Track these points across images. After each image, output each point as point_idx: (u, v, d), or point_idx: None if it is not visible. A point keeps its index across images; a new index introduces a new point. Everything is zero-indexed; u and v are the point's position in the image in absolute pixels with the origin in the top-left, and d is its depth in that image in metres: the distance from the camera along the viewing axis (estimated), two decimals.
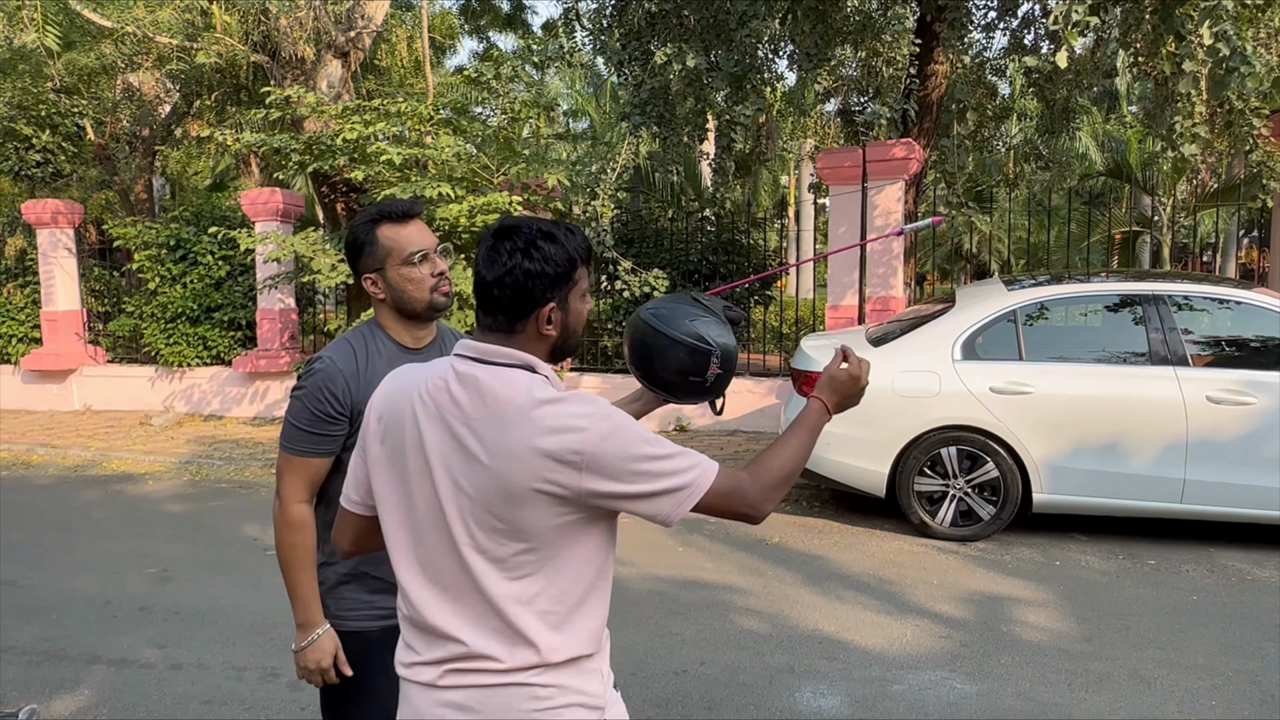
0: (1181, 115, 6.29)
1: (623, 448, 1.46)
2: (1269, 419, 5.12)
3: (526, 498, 1.45)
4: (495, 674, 1.50)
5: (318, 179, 8.98)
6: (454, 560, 1.52)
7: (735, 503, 1.54)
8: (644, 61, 7.87)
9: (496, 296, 1.52)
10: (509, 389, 1.49)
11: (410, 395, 1.57)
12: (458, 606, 1.52)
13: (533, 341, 1.55)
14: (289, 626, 4.39)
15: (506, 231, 1.53)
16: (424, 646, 1.56)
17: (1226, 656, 3.98)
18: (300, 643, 2.04)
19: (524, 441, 1.45)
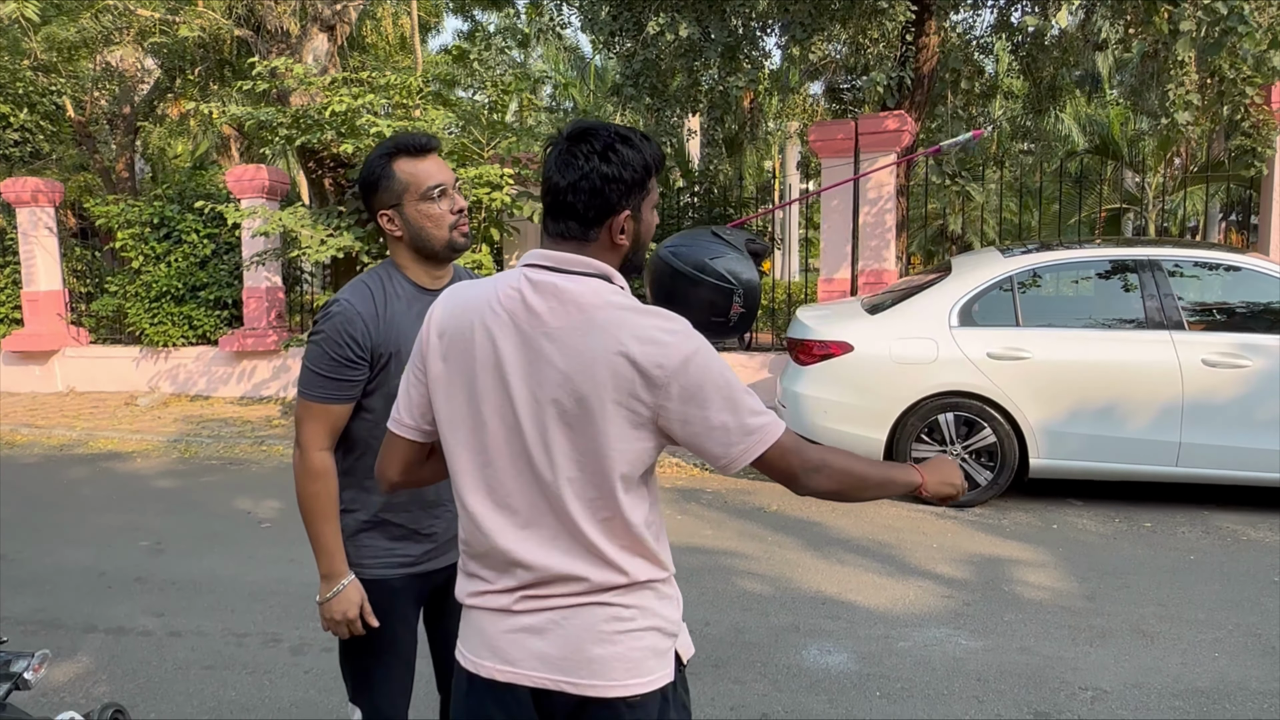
0: (1174, 83, 6.30)
1: (707, 371, 1.41)
2: (1264, 381, 5.15)
3: (605, 414, 1.40)
4: (575, 595, 1.47)
5: (304, 154, 8.85)
6: (529, 480, 1.46)
7: (794, 460, 1.47)
8: (635, 33, 7.81)
9: (570, 202, 1.45)
10: (593, 296, 1.43)
11: (478, 308, 1.49)
12: (531, 531, 1.47)
13: (606, 251, 1.49)
14: (288, 595, 4.39)
15: (583, 134, 1.46)
16: (494, 574, 1.51)
17: (1226, 611, 4.01)
18: (325, 594, 1.99)
19: (610, 349, 1.39)
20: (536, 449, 1.44)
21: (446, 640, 2.11)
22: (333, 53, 9.25)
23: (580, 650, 1.45)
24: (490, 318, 1.47)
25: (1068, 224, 16.34)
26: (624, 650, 1.46)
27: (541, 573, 1.47)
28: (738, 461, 1.44)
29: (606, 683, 1.45)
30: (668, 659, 1.51)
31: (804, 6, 7.52)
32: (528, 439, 1.45)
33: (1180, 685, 3.37)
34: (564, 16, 9.13)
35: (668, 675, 1.50)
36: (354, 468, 2.03)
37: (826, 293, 8.37)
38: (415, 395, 1.57)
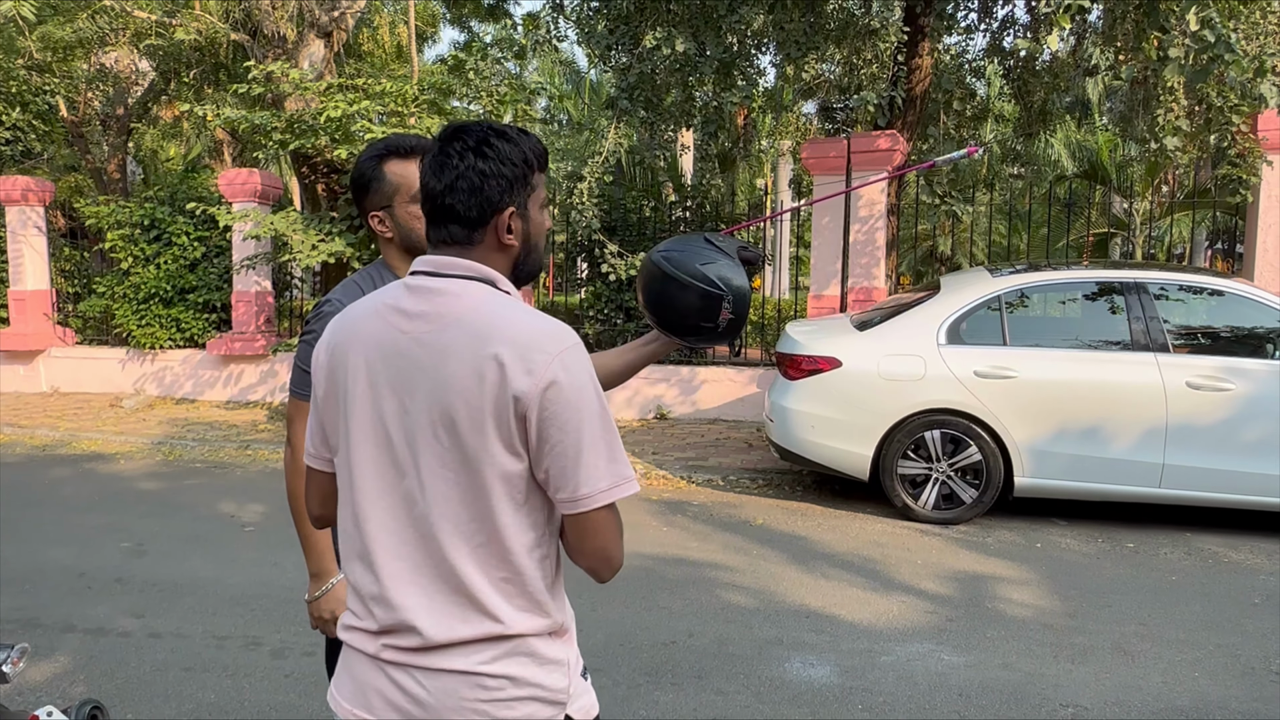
0: (1163, 109, 6.38)
1: (582, 391, 1.29)
2: (1247, 405, 5.20)
3: (477, 426, 1.28)
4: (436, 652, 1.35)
5: (298, 159, 8.87)
6: (397, 501, 1.36)
7: (614, 535, 1.34)
8: (631, 47, 7.86)
9: (449, 204, 1.37)
10: (469, 299, 1.33)
11: (358, 321, 1.40)
12: (398, 562, 1.37)
13: (494, 254, 1.40)
14: (270, 598, 4.36)
15: (455, 133, 1.38)
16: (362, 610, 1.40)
17: (1206, 632, 4.03)
18: (314, 592, 2.00)
19: (480, 355, 1.28)
20: (407, 466, 1.34)
21: None
22: (329, 59, 9.27)
23: (442, 711, 1.33)
24: (366, 329, 1.39)
25: (1056, 247, 16.50)
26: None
27: (400, 613, 1.34)
28: (592, 500, 1.29)
29: None
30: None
31: (799, 25, 7.59)
32: (398, 454, 1.34)
33: (1160, 704, 3.39)
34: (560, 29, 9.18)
35: None
36: None
37: (816, 309, 8.41)
38: (313, 422, 1.49)
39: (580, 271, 10.26)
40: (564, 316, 10.24)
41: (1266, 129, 7.11)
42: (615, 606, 4.28)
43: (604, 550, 1.33)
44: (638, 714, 3.30)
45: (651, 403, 8.99)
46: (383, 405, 1.35)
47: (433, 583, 1.33)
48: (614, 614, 4.19)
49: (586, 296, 9.51)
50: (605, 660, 3.70)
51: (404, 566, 1.34)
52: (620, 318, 9.14)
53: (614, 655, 3.76)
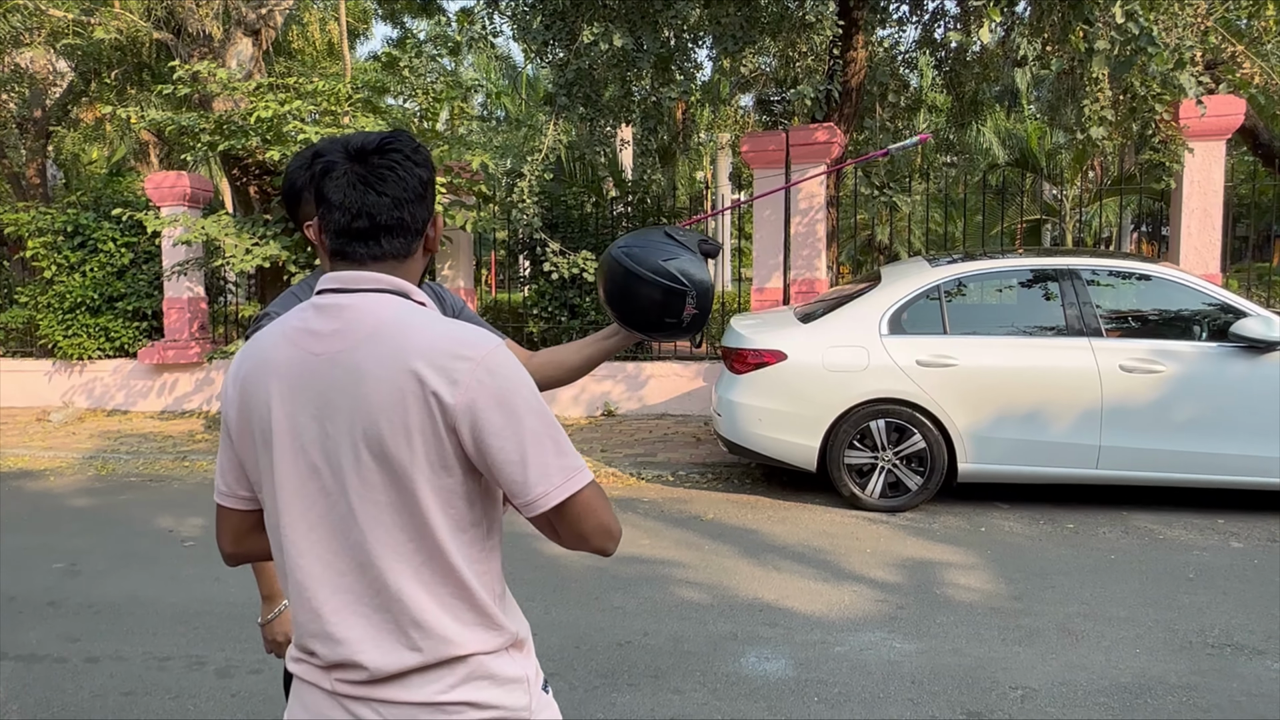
0: (1089, 99, 6.54)
1: (513, 391, 1.25)
2: (1177, 386, 5.36)
3: (403, 442, 1.24)
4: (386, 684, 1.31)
5: (229, 161, 8.64)
6: (331, 529, 1.30)
7: (600, 517, 1.29)
8: (568, 43, 7.80)
9: (399, 218, 1.31)
10: (381, 312, 1.28)
11: (267, 347, 1.33)
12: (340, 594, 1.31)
13: (417, 264, 1.37)
14: (213, 615, 4.25)
15: (390, 140, 1.33)
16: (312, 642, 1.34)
17: (1145, 608, 4.15)
18: (266, 615, 1.96)
19: (399, 368, 1.23)
20: (335, 493, 1.28)
21: None
22: (258, 58, 9.04)
23: None
24: (277, 356, 1.31)
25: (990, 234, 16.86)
26: None
27: (345, 648, 1.28)
28: (547, 500, 1.25)
29: None
30: None
31: (735, 19, 7.61)
32: (325, 482, 1.28)
33: (1104, 682, 3.48)
34: (496, 25, 9.07)
35: None
36: None
37: (759, 302, 8.46)
38: (224, 458, 1.42)
39: (523, 269, 10.17)
40: (507, 315, 10.15)
41: (1187, 117, 7.34)
42: (569, 609, 4.26)
43: (601, 528, 1.29)
44: (595, 717, 3.28)
45: (599, 400, 8.97)
46: (303, 433, 1.28)
47: (376, 611, 1.28)
48: (568, 616, 4.17)
49: (530, 295, 9.43)
50: (560, 664, 3.68)
51: (345, 599, 1.29)
52: (564, 315, 9.09)
53: (569, 658, 3.74)
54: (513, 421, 1.23)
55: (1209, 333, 5.53)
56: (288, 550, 1.32)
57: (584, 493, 1.27)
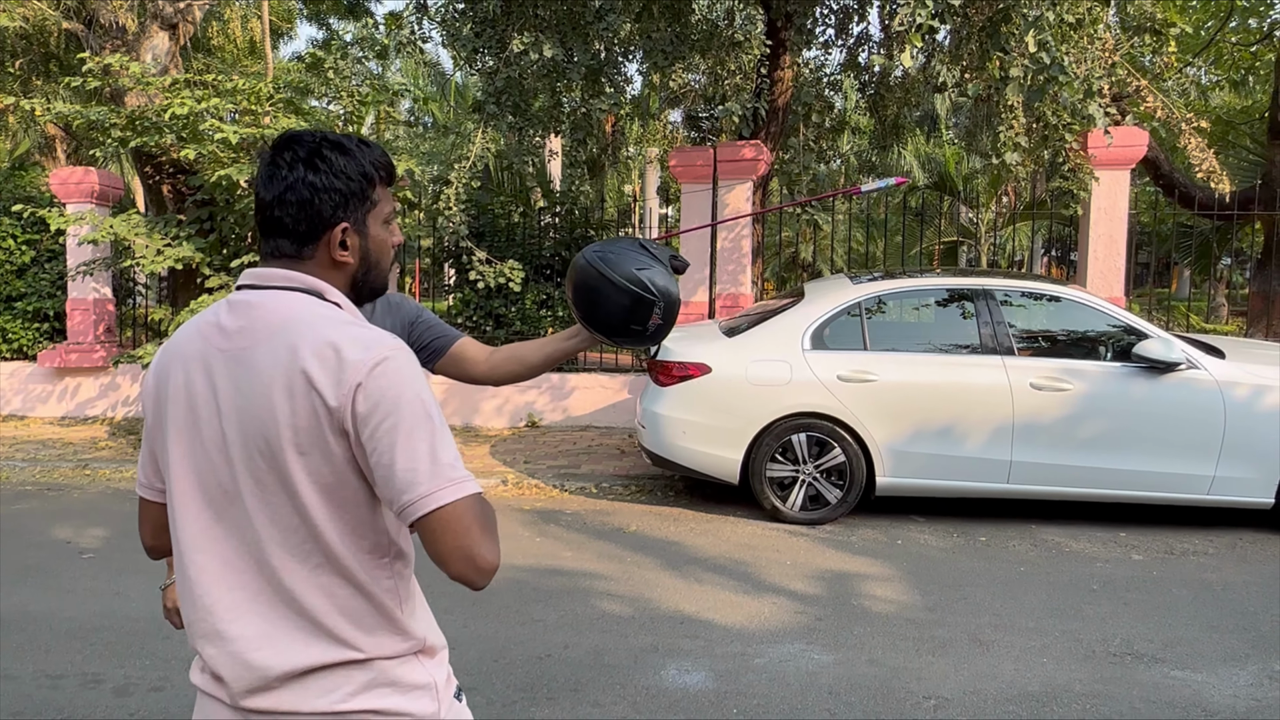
0: (1004, 126, 6.78)
1: (399, 392, 1.21)
2: (1083, 403, 5.57)
3: (293, 440, 1.22)
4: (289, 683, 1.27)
5: (141, 159, 8.32)
6: (228, 527, 1.28)
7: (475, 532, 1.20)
8: (498, 51, 7.75)
9: (277, 216, 1.31)
10: (286, 310, 1.27)
11: (182, 343, 1.33)
12: (236, 592, 1.28)
13: (326, 270, 1.34)
14: (112, 631, 4.07)
15: (287, 142, 1.33)
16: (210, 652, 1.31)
17: (1052, 619, 4.29)
18: (166, 580, 2.02)
19: (290, 366, 1.21)
20: (231, 491, 1.26)
21: None
22: (174, 53, 8.75)
23: None
24: (188, 350, 1.32)
25: (909, 254, 17.31)
26: None
27: (234, 645, 1.26)
28: (417, 508, 1.18)
29: None
30: None
31: (665, 35, 7.68)
32: (221, 479, 1.27)
33: (1014, 690, 3.57)
34: (424, 30, 8.97)
35: None
36: None
37: (684, 315, 8.51)
38: (144, 450, 1.42)
39: (448, 277, 10.04)
40: None
41: (1095, 147, 7.66)
42: (488, 621, 4.19)
43: (461, 553, 1.18)
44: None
45: (522, 410, 8.89)
46: (202, 429, 1.28)
47: (273, 609, 1.26)
48: (486, 629, 4.10)
49: (454, 303, 9.32)
50: (478, 678, 3.61)
51: (241, 596, 1.27)
52: (489, 325, 9.00)
53: (487, 672, 3.68)
54: (391, 428, 1.19)
55: (1113, 353, 5.76)
56: (183, 546, 1.30)
57: (450, 508, 1.18)
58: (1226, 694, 3.55)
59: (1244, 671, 3.74)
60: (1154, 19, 8.63)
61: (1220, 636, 4.08)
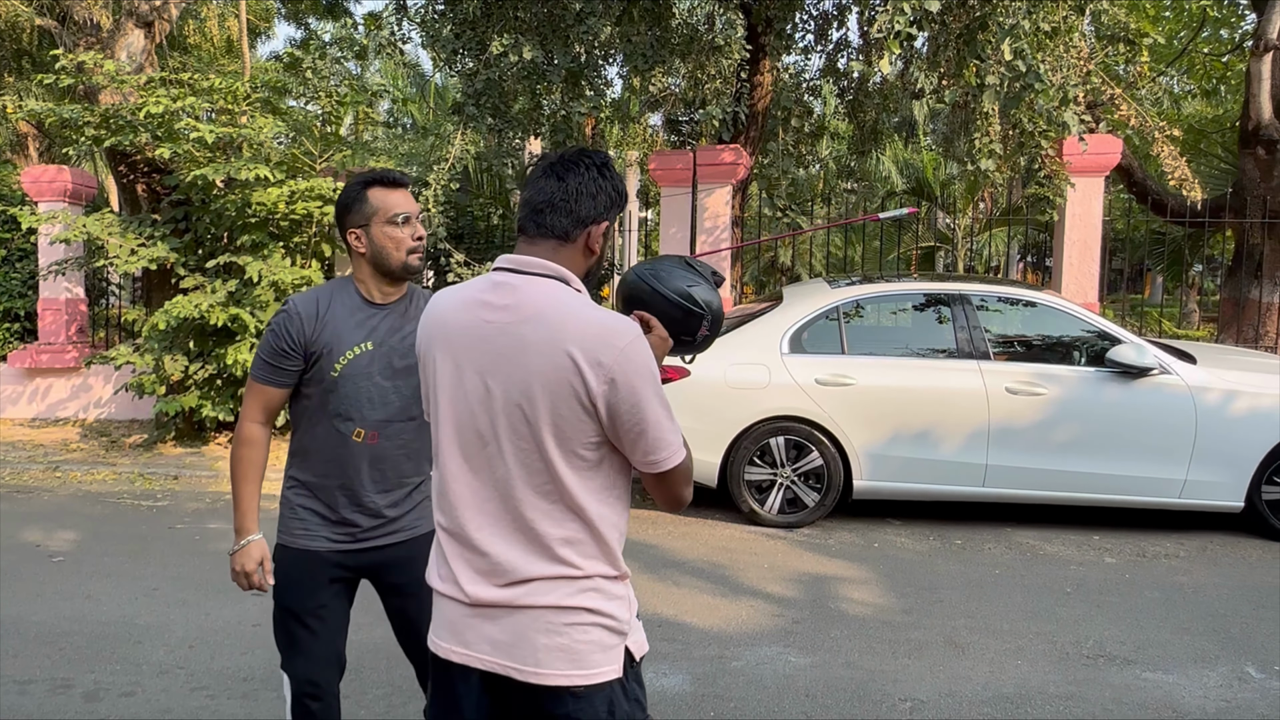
0: (980, 132, 6.84)
1: (643, 372, 1.53)
2: (1058, 408, 5.62)
3: (550, 406, 1.53)
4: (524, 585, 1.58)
5: (115, 157, 8.22)
6: (485, 468, 1.60)
7: (689, 479, 1.64)
8: (478, 53, 7.73)
9: (564, 202, 1.61)
10: (544, 295, 1.57)
11: (446, 313, 1.66)
12: (488, 518, 1.61)
13: (579, 255, 1.65)
14: (82, 635, 4.02)
15: (583, 152, 1.66)
16: (459, 560, 1.63)
17: (1026, 621, 4.32)
18: (234, 546, 2.32)
19: (555, 344, 1.52)
20: (489, 436, 1.58)
21: (397, 617, 2.42)
22: (150, 51, 8.66)
23: (526, 639, 1.56)
24: (455, 319, 1.64)
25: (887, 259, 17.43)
26: (567, 642, 1.56)
27: (495, 561, 1.58)
28: (664, 462, 1.57)
29: (550, 671, 1.56)
30: (614, 654, 1.60)
31: (645, 39, 7.68)
32: (480, 427, 1.59)
33: (989, 692, 3.60)
34: (404, 31, 8.94)
35: (615, 671, 1.59)
36: (297, 447, 2.36)
37: None
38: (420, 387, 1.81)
39: (426, 280, 9.99)
40: None
41: (1070, 154, 7.75)
42: None
43: (679, 494, 1.64)
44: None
45: None
46: (467, 384, 1.60)
47: (512, 534, 1.58)
48: None
49: None
50: None
51: (486, 520, 1.60)
52: None
53: None
54: (638, 403, 1.53)
55: (1087, 358, 5.83)
56: (444, 477, 1.65)
57: (680, 467, 1.60)
58: (1197, 695, 3.59)
59: (1214, 673, 3.79)
60: (1128, 29, 8.74)
61: (1191, 638, 4.13)
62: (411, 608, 2.37)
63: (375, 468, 2.30)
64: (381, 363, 2.27)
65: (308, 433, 2.31)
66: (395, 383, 2.28)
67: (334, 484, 2.29)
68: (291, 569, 2.32)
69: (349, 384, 2.25)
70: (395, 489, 2.34)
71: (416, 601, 2.34)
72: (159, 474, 7.12)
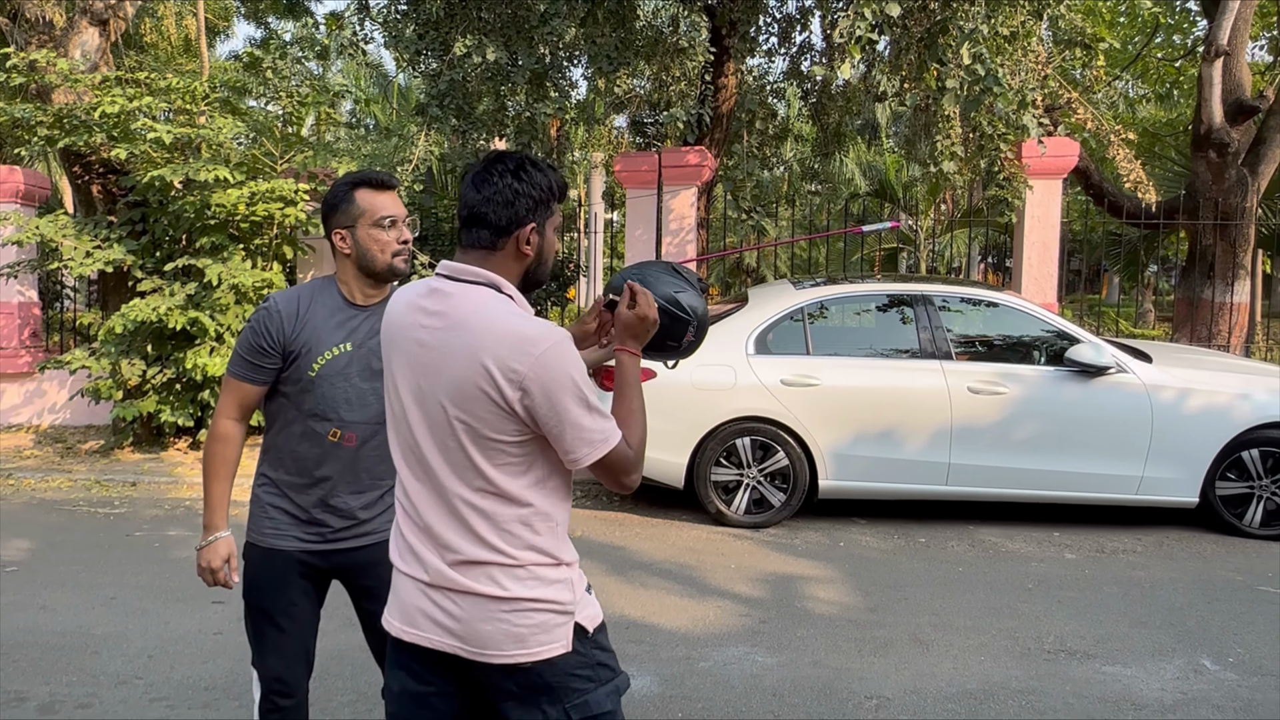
0: (941, 135, 6.93)
1: (559, 376, 1.59)
2: (1019, 407, 5.71)
3: (472, 410, 1.62)
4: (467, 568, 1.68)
5: (70, 158, 8.06)
6: (422, 466, 1.70)
7: (627, 467, 1.69)
8: (441, 54, 7.69)
9: (483, 213, 1.67)
10: (472, 302, 1.65)
11: (397, 313, 1.77)
12: (432, 513, 1.70)
13: (511, 260, 1.71)
14: (37, 646, 3.93)
15: (499, 156, 1.71)
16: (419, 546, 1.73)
17: (989, 618, 4.38)
18: (201, 542, 2.32)
19: (474, 350, 1.60)
20: (422, 437, 1.68)
21: (368, 619, 2.40)
22: (105, 49, 8.50)
23: (472, 624, 1.67)
24: (402, 319, 1.74)
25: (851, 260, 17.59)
26: (509, 628, 1.66)
27: (445, 541, 1.68)
28: (587, 459, 1.64)
29: (495, 651, 1.67)
30: (560, 632, 1.69)
31: (610, 40, 7.68)
32: (413, 426, 1.69)
33: (953, 689, 3.64)
34: (366, 31, 8.86)
35: (562, 646, 1.69)
36: (270, 445, 2.35)
37: None
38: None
39: None
40: None
41: (1029, 157, 7.87)
42: None
43: (619, 480, 1.71)
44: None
45: None
46: (406, 384, 1.72)
47: (452, 520, 1.68)
48: None
49: None
50: None
51: (429, 507, 1.70)
52: None
53: None
54: (556, 405, 1.60)
55: (1047, 358, 5.92)
56: (398, 465, 1.76)
57: (610, 455, 1.66)
58: (1154, 687, 3.66)
59: (1170, 665, 3.86)
60: (1084, 34, 8.90)
61: (1148, 632, 4.21)
62: (382, 610, 2.36)
63: (350, 469, 2.29)
64: (360, 364, 2.27)
65: (282, 431, 2.30)
66: (374, 384, 2.28)
67: (306, 483, 2.29)
68: (261, 568, 2.32)
69: (326, 384, 2.24)
70: (368, 490, 2.33)
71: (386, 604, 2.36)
72: (116, 480, 6.98)
